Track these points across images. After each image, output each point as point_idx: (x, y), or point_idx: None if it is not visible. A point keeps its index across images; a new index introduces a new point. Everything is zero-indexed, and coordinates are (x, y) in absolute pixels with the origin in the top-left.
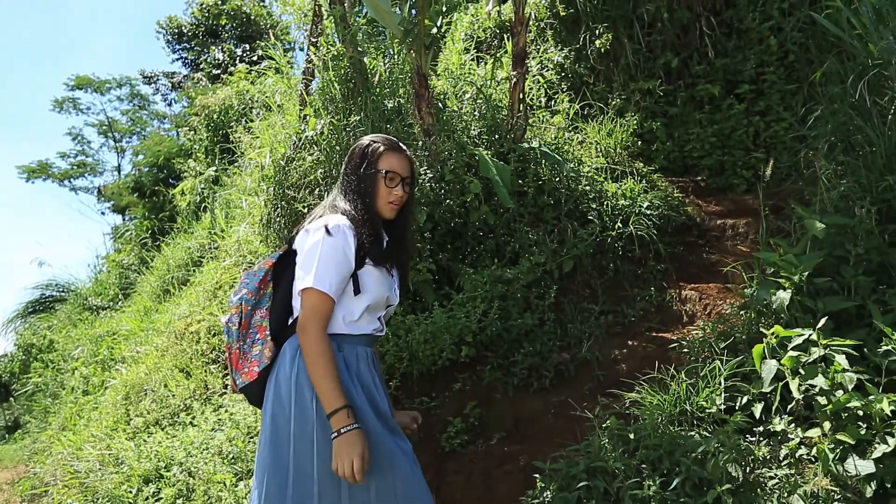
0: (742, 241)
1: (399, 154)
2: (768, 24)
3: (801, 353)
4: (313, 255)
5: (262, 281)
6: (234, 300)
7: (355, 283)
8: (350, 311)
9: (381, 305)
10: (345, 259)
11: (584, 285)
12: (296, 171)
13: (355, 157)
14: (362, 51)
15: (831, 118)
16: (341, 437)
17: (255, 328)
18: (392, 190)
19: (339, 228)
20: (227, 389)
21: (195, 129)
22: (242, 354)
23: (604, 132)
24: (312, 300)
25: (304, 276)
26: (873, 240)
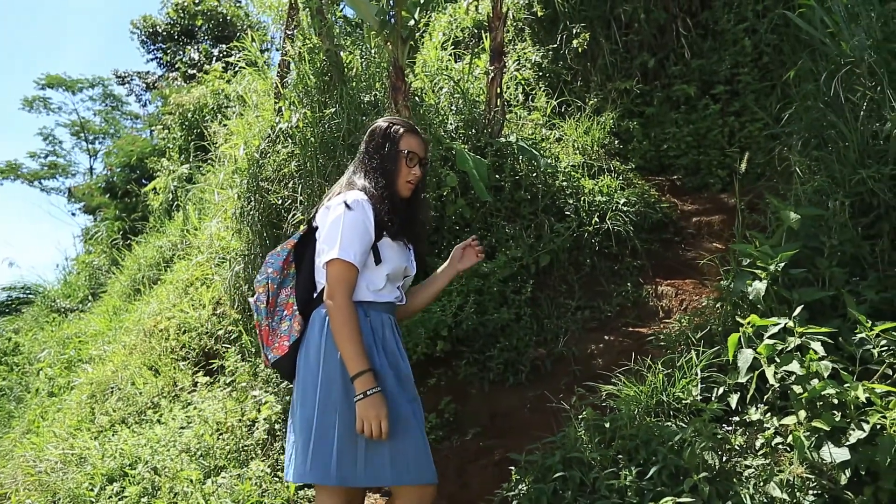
0: (717, 239)
1: (418, 136)
2: (743, 25)
3: (777, 341)
4: (336, 228)
5: (285, 261)
6: (260, 279)
7: (375, 253)
8: (373, 281)
9: (399, 275)
10: (365, 231)
11: (560, 281)
12: (270, 165)
13: (377, 137)
14: (339, 44)
15: (805, 115)
16: (367, 398)
17: (282, 305)
18: (411, 170)
19: (358, 203)
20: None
21: (169, 128)
22: (272, 331)
23: (581, 130)
24: (338, 269)
25: (328, 249)
26: (847, 232)
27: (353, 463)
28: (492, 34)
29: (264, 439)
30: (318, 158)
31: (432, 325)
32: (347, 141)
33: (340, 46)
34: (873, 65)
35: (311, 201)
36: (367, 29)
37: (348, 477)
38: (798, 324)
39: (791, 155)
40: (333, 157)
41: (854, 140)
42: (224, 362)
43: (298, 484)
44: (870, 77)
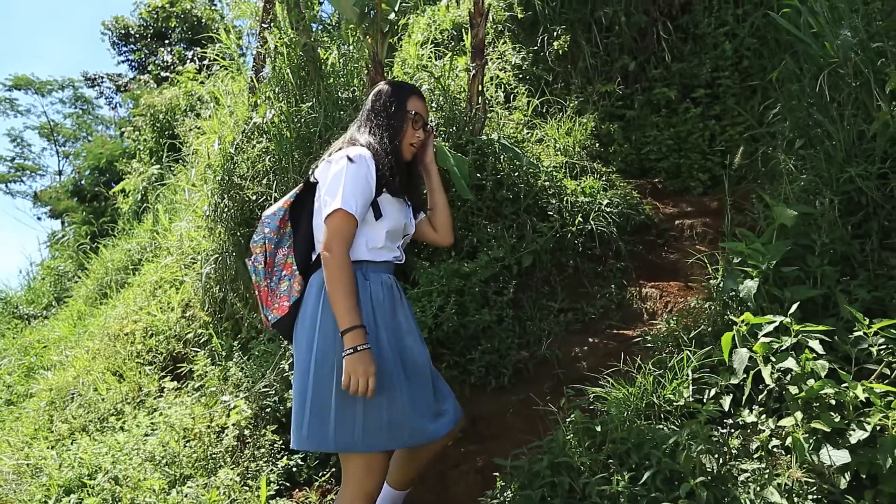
0: (701, 241)
1: (422, 99)
2: (723, 29)
3: (773, 339)
4: (338, 180)
5: (281, 220)
6: (256, 240)
7: (375, 208)
8: (372, 238)
9: (399, 233)
10: (367, 185)
11: (543, 282)
12: (244, 161)
13: (384, 96)
14: (316, 40)
15: (789, 115)
16: (356, 354)
17: (280, 265)
18: (416, 132)
19: (360, 157)
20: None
21: (139, 130)
22: (271, 291)
23: (562, 130)
24: (338, 220)
25: (330, 200)
26: (836, 230)
27: (352, 427)
28: (473, 30)
29: (234, 446)
30: (293, 154)
31: None
32: (324, 137)
33: (318, 42)
34: (860, 63)
35: None
36: (345, 23)
37: (346, 443)
38: (794, 321)
39: (777, 155)
40: (309, 153)
41: (841, 139)
42: (193, 366)
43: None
44: (855, 76)
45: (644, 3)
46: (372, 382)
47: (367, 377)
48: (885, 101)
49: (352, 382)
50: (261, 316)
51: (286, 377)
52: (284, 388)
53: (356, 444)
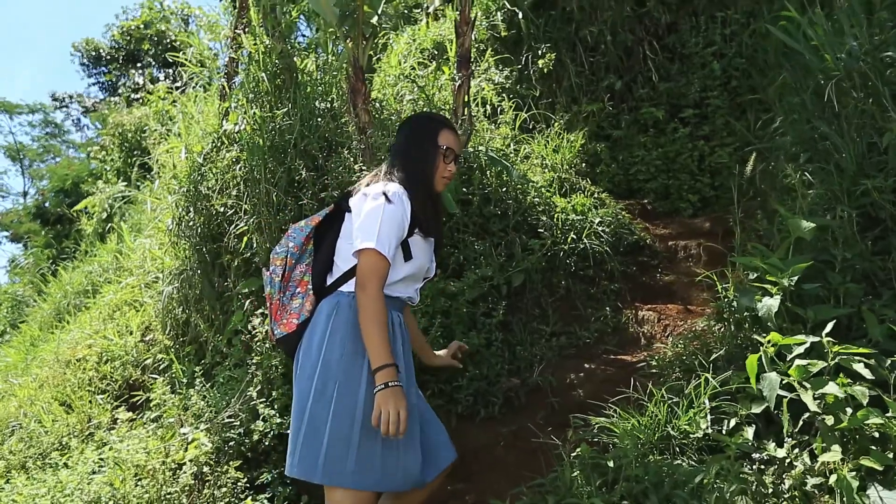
0: (696, 263)
1: (455, 133)
2: (710, 49)
3: (810, 362)
4: (375, 218)
5: (307, 237)
6: (279, 252)
7: (405, 249)
8: (393, 276)
9: (420, 275)
10: (401, 226)
11: (533, 304)
12: (212, 172)
13: (416, 131)
14: (293, 47)
15: (791, 129)
16: (388, 389)
17: (296, 282)
18: (447, 166)
19: (397, 196)
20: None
21: (106, 149)
22: (282, 306)
23: (550, 147)
24: (373, 260)
25: (364, 237)
26: (856, 246)
27: (343, 462)
28: (459, 39)
29: (191, 485)
30: (266, 164)
31: None
32: (300, 146)
33: (295, 48)
34: (869, 73)
35: (256, 210)
36: (324, 27)
37: (334, 476)
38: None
39: (782, 170)
40: (283, 163)
41: (850, 152)
42: (149, 395)
43: None
44: (862, 88)
45: (630, 22)
46: (403, 416)
47: (399, 411)
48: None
49: (382, 417)
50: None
51: (253, 406)
52: (251, 418)
53: (345, 479)
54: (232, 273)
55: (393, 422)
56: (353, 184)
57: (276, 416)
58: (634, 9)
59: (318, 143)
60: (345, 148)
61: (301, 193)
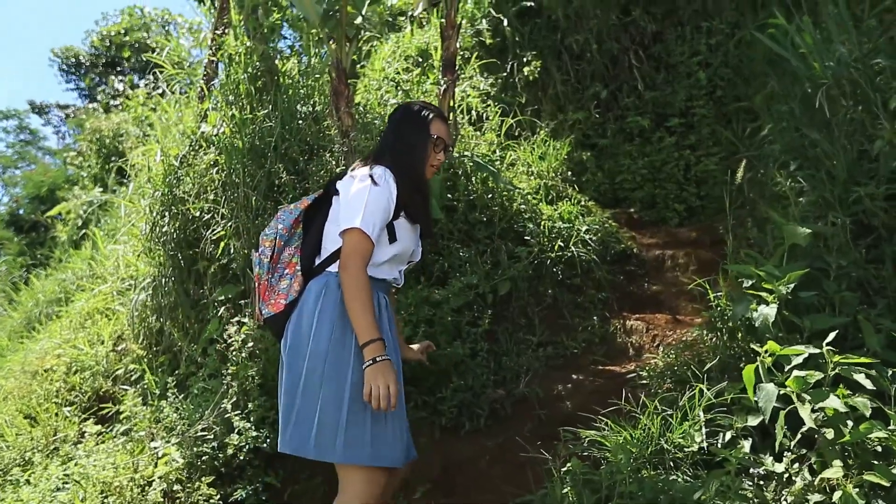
0: (683, 272)
1: (445, 123)
2: (696, 59)
3: (809, 373)
4: (360, 200)
5: (295, 220)
6: (268, 233)
7: (390, 231)
8: (377, 256)
9: (405, 257)
10: (387, 208)
11: (520, 313)
12: (190, 174)
13: (406, 119)
14: (275, 49)
15: (779, 137)
16: (376, 364)
17: (284, 264)
18: (437, 155)
19: (383, 179)
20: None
21: (83, 155)
22: (270, 287)
23: (536, 154)
24: (356, 240)
25: (349, 217)
26: (850, 253)
27: (333, 437)
28: (444, 43)
29: (160, 503)
30: (245, 167)
31: None
32: (280, 149)
33: (276, 50)
34: (860, 80)
35: (234, 214)
36: (307, 27)
37: (325, 451)
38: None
39: (772, 177)
40: (262, 166)
41: (841, 159)
42: (120, 407)
43: None
44: (852, 95)
45: (615, 31)
46: (393, 389)
47: (388, 385)
48: (888, 119)
49: (373, 392)
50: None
51: (227, 418)
52: (225, 431)
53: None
54: (208, 280)
55: (384, 396)
56: None
57: (251, 429)
58: (620, 18)
59: (300, 147)
60: (326, 151)
61: (281, 197)
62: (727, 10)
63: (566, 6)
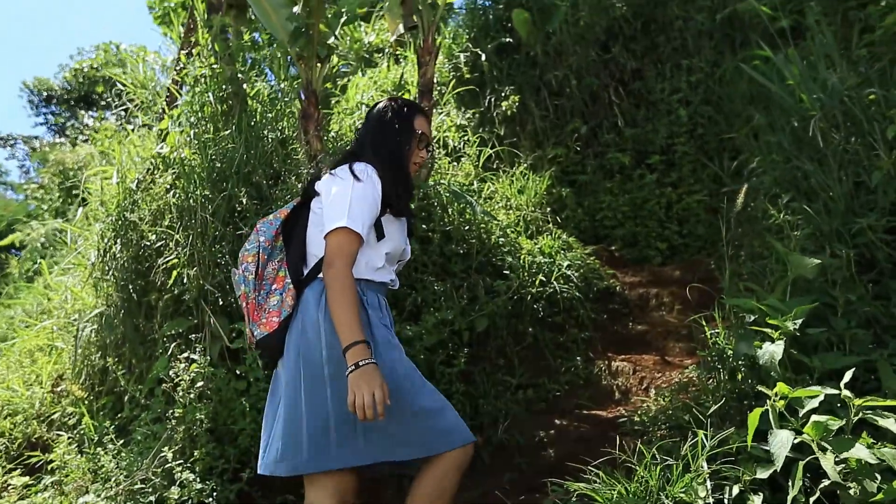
0: (669, 312)
1: (427, 118)
2: (677, 96)
3: (829, 418)
4: (344, 197)
5: (276, 231)
6: (249, 248)
7: (378, 229)
8: (373, 258)
9: (397, 256)
10: (374, 203)
11: (498, 353)
12: (144, 199)
13: (388, 114)
14: (244, 73)
15: (770, 169)
16: (359, 369)
17: (270, 279)
18: (420, 152)
19: (366, 174)
20: (7, 494)
21: (44, 187)
22: (258, 306)
23: (514, 188)
24: (342, 238)
25: (334, 217)
26: (857, 288)
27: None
28: (421, 69)
29: None
30: (204, 191)
31: None
32: (243, 172)
33: (244, 74)
34: (854, 110)
35: (190, 242)
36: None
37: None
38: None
39: (764, 210)
40: (223, 190)
41: (838, 191)
42: (51, 455)
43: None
44: (844, 125)
45: (595, 67)
46: (379, 394)
47: (373, 390)
48: (886, 150)
49: (357, 399)
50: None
51: (168, 469)
52: (167, 482)
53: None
54: (158, 313)
55: (368, 405)
56: None
57: (195, 480)
58: (599, 54)
59: (264, 171)
60: (293, 175)
61: (242, 223)
62: (707, 48)
63: (545, 42)
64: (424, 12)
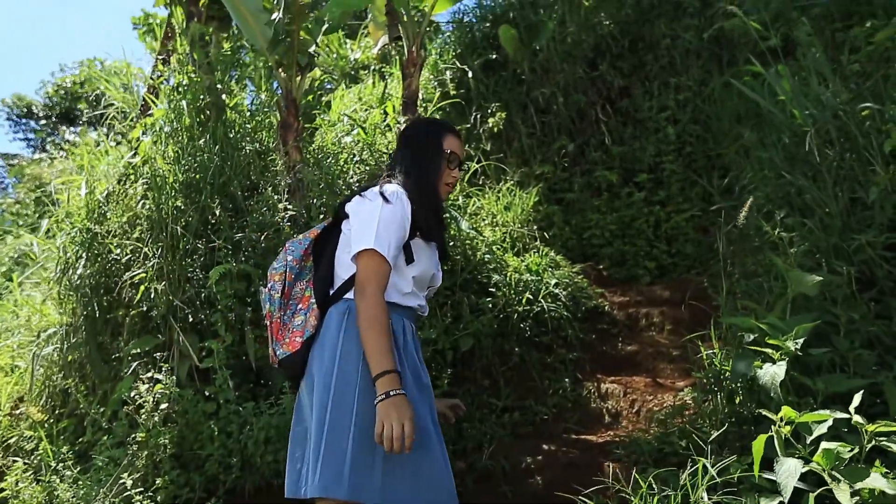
0: (659, 332)
1: (459, 138)
2: (664, 114)
3: (840, 445)
4: (372, 220)
5: (305, 251)
6: (277, 267)
7: (407, 252)
8: (400, 283)
9: (425, 282)
10: (402, 227)
11: (483, 373)
12: (114, 213)
13: (419, 135)
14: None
15: (762, 185)
16: (389, 399)
17: (297, 299)
18: (451, 172)
19: (396, 196)
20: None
21: (21, 203)
22: (283, 325)
23: (501, 205)
24: (372, 262)
25: (361, 238)
26: (859, 307)
27: (370, 473)
28: (405, 81)
29: None
30: (176, 202)
31: None
32: (217, 182)
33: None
34: (850, 124)
35: (161, 254)
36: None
37: (363, 488)
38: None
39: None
40: (195, 202)
41: (834, 207)
42: (2, 484)
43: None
44: (838, 140)
45: (582, 84)
46: (408, 428)
47: (403, 422)
48: (883, 165)
49: (385, 429)
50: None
51: (127, 497)
52: None
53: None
54: (125, 330)
55: (397, 437)
56: (277, 225)
57: None
58: (587, 72)
59: (240, 182)
60: (269, 186)
61: (215, 236)
62: (694, 66)
63: (532, 59)
64: (409, 24)
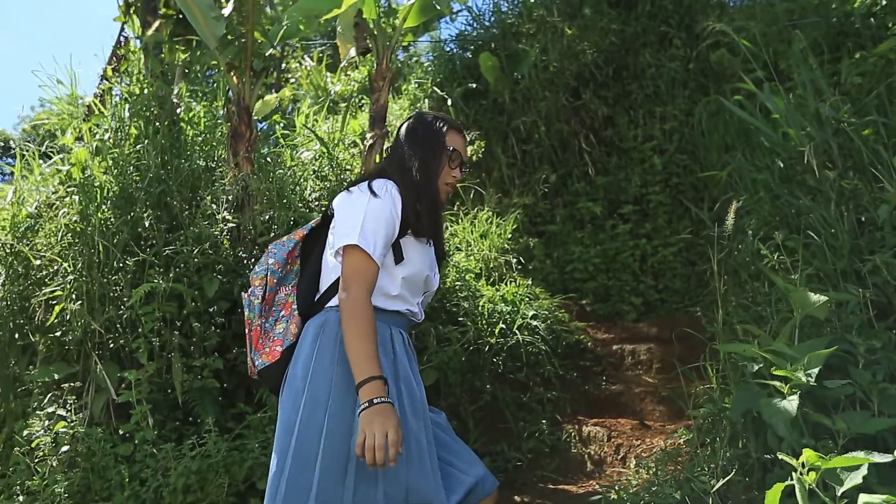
0: (646, 371)
1: (463, 137)
2: (650, 144)
3: (871, 497)
4: (357, 214)
5: (290, 253)
6: (258, 271)
7: (396, 251)
8: (388, 285)
9: (418, 284)
10: (390, 223)
11: (450, 413)
12: (42, 227)
13: (419, 129)
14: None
15: (757, 208)
16: (373, 408)
17: (280, 305)
18: (452, 171)
19: (385, 190)
20: None
21: None
22: (264, 333)
23: (477, 233)
24: (357, 259)
25: (345, 233)
26: (881, 335)
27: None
28: (374, 95)
29: None
30: (107, 213)
31: (244, 471)
32: (154, 191)
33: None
34: (857, 140)
35: (83, 267)
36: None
37: None
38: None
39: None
40: (128, 213)
41: (841, 228)
42: None
43: None
44: (841, 158)
45: (565, 113)
46: (392, 436)
47: (387, 430)
48: (890, 181)
49: (367, 439)
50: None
51: None
52: None
53: None
54: (39, 357)
55: (379, 447)
56: (217, 238)
57: None
58: (570, 100)
59: (182, 193)
60: (209, 196)
61: (147, 249)
62: (681, 97)
63: (513, 88)
64: (379, 36)
